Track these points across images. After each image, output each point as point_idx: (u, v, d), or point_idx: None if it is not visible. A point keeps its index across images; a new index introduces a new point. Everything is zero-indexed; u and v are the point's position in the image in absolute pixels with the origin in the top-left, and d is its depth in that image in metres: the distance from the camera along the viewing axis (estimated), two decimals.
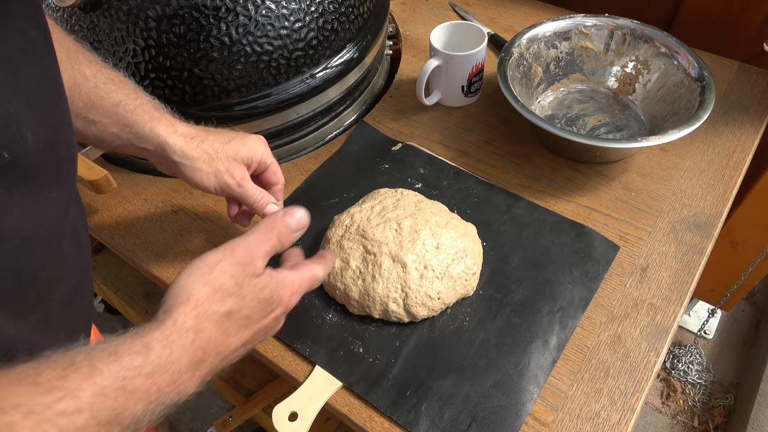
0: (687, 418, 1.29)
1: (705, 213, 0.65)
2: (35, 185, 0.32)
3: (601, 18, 0.76)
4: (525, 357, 0.53)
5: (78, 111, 0.48)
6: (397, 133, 0.76)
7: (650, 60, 0.74)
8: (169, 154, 0.51)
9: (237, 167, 0.52)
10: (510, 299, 0.57)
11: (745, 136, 0.72)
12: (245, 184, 0.53)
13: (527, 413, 0.50)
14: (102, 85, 0.49)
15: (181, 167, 0.51)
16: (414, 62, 0.87)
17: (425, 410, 0.50)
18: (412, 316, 0.55)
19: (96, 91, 0.48)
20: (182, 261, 0.63)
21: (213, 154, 0.51)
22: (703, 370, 1.35)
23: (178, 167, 0.51)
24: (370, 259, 0.56)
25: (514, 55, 0.72)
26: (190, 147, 0.51)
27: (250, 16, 0.61)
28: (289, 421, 0.50)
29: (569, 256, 0.60)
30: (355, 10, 0.70)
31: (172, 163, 0.51)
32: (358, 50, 0.71)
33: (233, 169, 0.52)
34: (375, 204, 0.61)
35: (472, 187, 0.68)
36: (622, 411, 0.50)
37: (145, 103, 0.51)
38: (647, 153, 0.71)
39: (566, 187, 0.68)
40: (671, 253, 0.61)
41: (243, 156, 0.53)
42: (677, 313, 0.57)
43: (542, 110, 0.77)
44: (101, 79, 0.49)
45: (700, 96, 0.65)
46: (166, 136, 0.50)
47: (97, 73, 0.49)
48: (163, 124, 0.50)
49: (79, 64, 0.48)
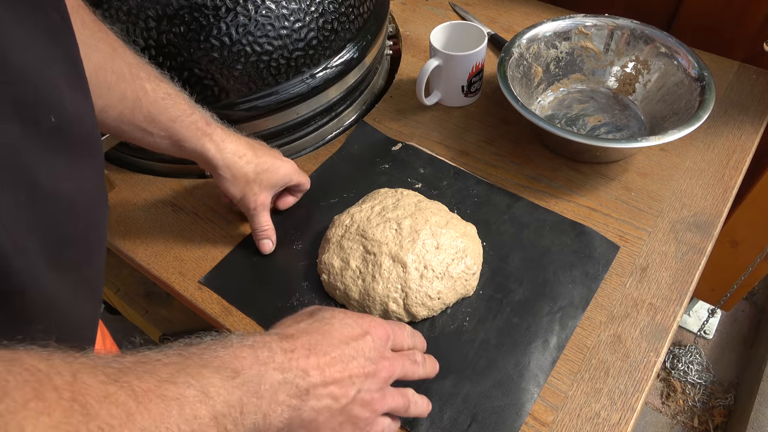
0: (687, 418, 1.29)
1: (705, 213, 0.65)
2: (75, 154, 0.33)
3: (601, 18, 0.76)
4: (525, 357, 0.53)
5: (139, 124, 0.51)
6: (397, 133, 0.75)
7: (650, 60, 0.74)
8: (215, 168, 0.56)
9: (264, 193, 0.60)
10: (510, 299, 0.57)
11: (745, 136, 0.72)
12: (262, 211, 0.60)
13: (527, 413, 0.50)
14: (161, 100, 0.52)
15: (221, 179, 0.57)
16: (414, 62, 0.87)
17: None
18: (412, 316, 0.55)
19: (156, 106, 0.52)
20: (182, 261, 0.63)
21: (252, 177, 0.58)
22: (703, 370, 1.35)
23: (219, 177, 0.57)
24: (370, 259, 0.56)
25: (514, 55, 0.72)
26: (237, 166, 0.57)
27: (250, 16, 0.61)
28: None
29: (569, 256, 0.60)
30: (355, 10, 0.70)
31: (215, 172, 0.57)
32: (358, 50, 0.71)
33: (260, 194, 0.59)
34: (375, 204, 0.61)
35: (472, 187, 0.68)
36: (622, 411, 0.50)
37: (199, 119, 0.55)
38: (647, 153, 0.71)
39: (566, 187, 0.68)
40: (671, 253, 0.61)
41: (276, 182, 0.60)
42: (677, 313, 0.57)
43: (542, 110, 0.77)
44: (160, 94, 0.52)
45: (700, 96, 0.65)
46: (215, 152, 0.56)
47: (156, 88, 0.52)
48: (213, 141, 0.55)
49: (141, 80, 0.50)
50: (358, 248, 0.57)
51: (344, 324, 0.39)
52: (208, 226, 0.67)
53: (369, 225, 0.58)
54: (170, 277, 0.62)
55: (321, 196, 0.68)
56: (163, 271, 0.62)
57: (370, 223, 0.58)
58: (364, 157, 0.72)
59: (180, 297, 0.61)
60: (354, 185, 0.69)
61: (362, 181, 0.69)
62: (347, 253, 0.57)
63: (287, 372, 0.34)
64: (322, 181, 0.70)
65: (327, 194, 0.68)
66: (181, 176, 0.72)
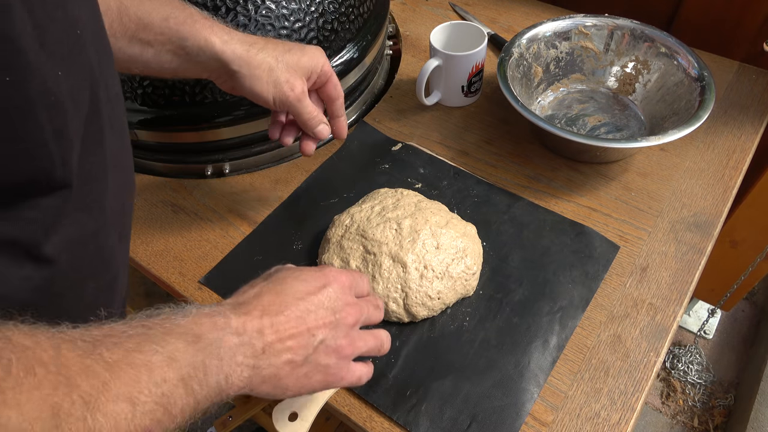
0: (687, 418, 1.29)
1: (705, 213, 0.65)
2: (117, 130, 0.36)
3: (601, 18, 0.76)
4: (525, 357, 0.53)
5: (132, 34, 0.47)
6: (397, 133, 0.75)
7: (650, 60, 0.74)
8: (227, 64, 0.48)
9: (297, 79, 0.51)
10: (510, 299, 0.57)
11: (745, 136, 0.72)
12: (304, 98, 0.52)
13: (527, 413, 0.50)
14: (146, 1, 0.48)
15: (239, 77, 0.49)
16: (414, 62, 0.87)
17: (425, 410, 0.50)
18: (412, 316, 0.55)
19: (142, 7, 0.47)
20: (182, 261, 0.63)
21: (273, 63, 0.49)
22: (703, 370, 1.35)
23: (236, 78, 0.49)
24: (370, 259, 0.56)
25: (514, 55, 0.72)
26: (249, 54, 0.49)
27: (250, 16, 0.61)
28: (289, 421, 0.50)
29: (569, 256, 0.60)
30: (355, 10, 0.70)
31: (230, 74, 0.49)
32: (358, 50, 0.71)
33: (293, 81, 0.50)
34: (375, 204, 0.61)
35: (472, 187, 0.68)
36: (622, 411, 0.50)
37: (195, 13, 0.49)
38: (647, 153, 0.71)
39: (566, 187, 0.68)
40: (671, 253, 0.61)
41: (303, 66, 0.51)
42: (677, 313, 0.57)
43: (542, 110, 0.77)
44: None
45: (700, 96, 0.65)
46: (222, 45, 0.48)
47: None
48: (216, 33, 0.48)
49: None
50: (358, 248, 0.57)
51: (299, 281, 0.40)
52: (208, 226, 0.67)
53: (369, 225, 0.58)
54: (170, 277, 0.62)
55: (321, 196, 0.68)
56: (163, 271, 0.62)
57: (370, 223, 0.58)
58: (364, 157, 0.72)
59: (180, 297, 0.61)
60: (354, 185, 0.69)
61: (362, 181, 0.69)
62: (347, 253, 0.57)
63: (243, 335, 0.35)
64: (322, 181, 0.70)
65: (327, 194, 0.68)
66: (181, 176, 0.72)
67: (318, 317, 0.39)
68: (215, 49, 0.48)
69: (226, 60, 0.48)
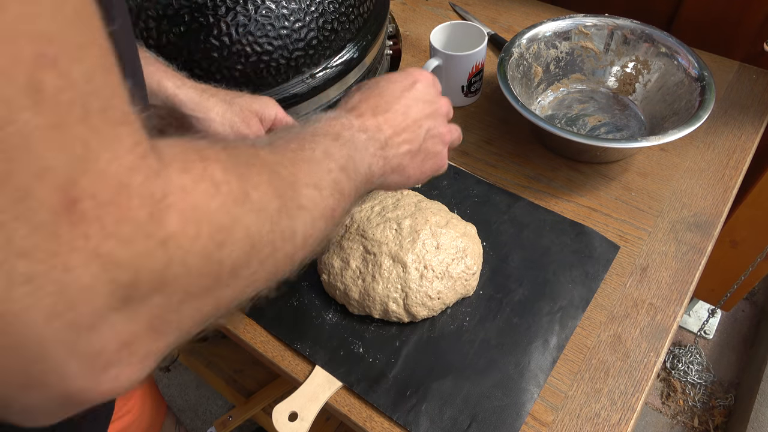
0: (687, 418, 1.29)
1: (705, 213, 0.65)
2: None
3: (601, 18, 0.76)
4: (525, 357, 0.53)
5: None
6: None
7: (650, 60, 0.74)
8: (179, 108, 0.48)
9: (252, 118, 0.52)
10: (510, 299, 0.57)
11: (745, 136, 0.72)
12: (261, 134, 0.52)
13: (527, 413, 0.50)
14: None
15: (192, 121, 0.49)
16: (414, 62, 0.87)
17: (425, 410, 0.50)
18: (412, 316, 0.55)
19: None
20: None
21: (226, 106, 0.50)
22: (703, 370, 1.34)
23: (188, 122, 0.49)
24: (370, 259, 0.56)
25: (514, 55, 0.72)
26: (202, 98, 0.49)
27: (250, 16, 0.61)
28: (289, 421, 0.50)
29: (569, 256, 0.60)
30: (355, 10, 0.70)
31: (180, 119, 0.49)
32: (358, 50, 0.71)
33: (249, 120, 0.51)
34: (375, 204, 0.61)
35: (472, 187, 0.68)
36: (622, 411, 0.50)
37: (149, 57, 0.48)
38: (647, 153, 0.71)
39: (566, 187, 0.68)
40: (671, 253, 0.61)
41: (255, 109, 0.52)
42: (677, 313, 0.57)
43: (542, 110, 0.77)
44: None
45: (700, 96, 0.65)
46: (175, 89, 0.48)
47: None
48: (170, 78, 0.48)
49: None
50: (358, 248, 0.57)
51: (392, 83, 0.44)
52: None
53: (369, 225, 0.58)
54: None
55: None
56: None
57: (370, 223, 0.58)
58: None
59: None
60: None
61: None
62: (347, 253, 0.57)
63: (367, 131, 0.39)
64: None
65: None
66: None
67: (419, 110, 0.43)
68: (168, 93, 0.48)
69: (178, 103, 0.48)
